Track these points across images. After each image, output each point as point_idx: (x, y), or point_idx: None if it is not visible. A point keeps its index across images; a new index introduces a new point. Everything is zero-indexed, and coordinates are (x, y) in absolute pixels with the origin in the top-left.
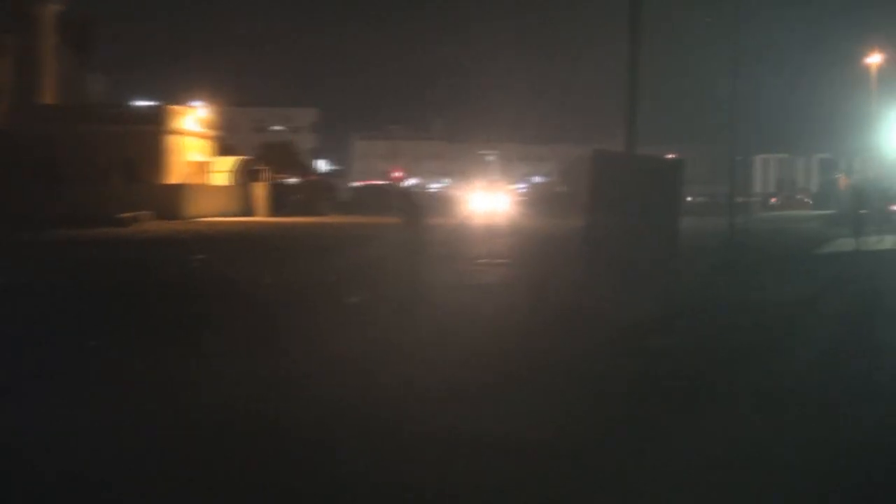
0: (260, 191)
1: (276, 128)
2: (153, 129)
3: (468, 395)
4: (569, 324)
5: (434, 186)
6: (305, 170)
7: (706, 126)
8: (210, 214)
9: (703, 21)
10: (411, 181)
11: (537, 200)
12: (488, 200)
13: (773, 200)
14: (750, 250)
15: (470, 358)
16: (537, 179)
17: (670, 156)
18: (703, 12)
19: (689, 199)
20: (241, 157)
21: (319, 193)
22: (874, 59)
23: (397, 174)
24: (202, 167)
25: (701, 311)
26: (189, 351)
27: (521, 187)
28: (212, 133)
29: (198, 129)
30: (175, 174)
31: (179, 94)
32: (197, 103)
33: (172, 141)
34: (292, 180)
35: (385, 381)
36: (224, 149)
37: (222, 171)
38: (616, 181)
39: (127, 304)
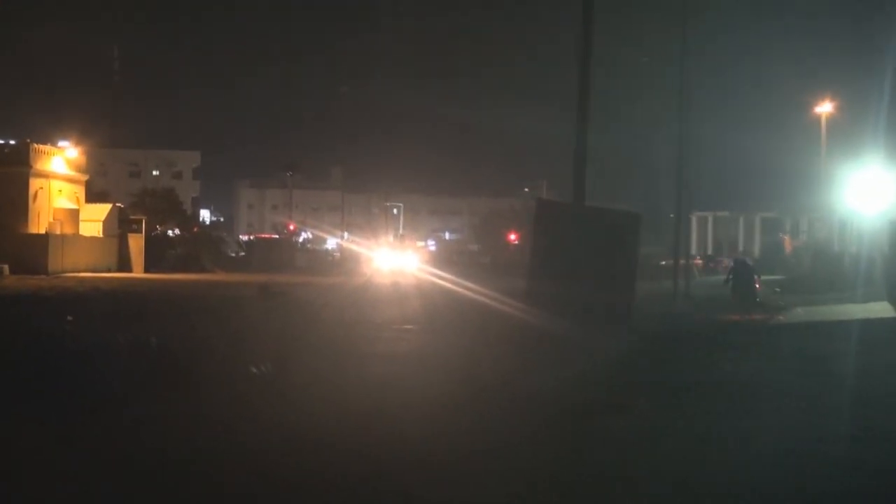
0: (136, 243)
1: (155, 173)
2: (14, 170)
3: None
4: (500, 403)
5: (333, 241)
6: (188, 221)
7: (634, 180)
8: (79, 269)
9: (642, 63)
10: (307, 235)
11: (448, 259)
12: (394, 258)
13: (724, 263)
14: (699, 319)
15: (388, 444)
16: (448, 236)
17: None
18: (643, 52)
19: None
20: (114, 205)
21: (204, 247)
22: (824, 109)
23: (291, 227)
24: (70, 215)
25: (656, 391)
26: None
27: (429, 244)
28: (81, 177)
29: (66, 171)
30: (39, 223)
31: (41, 132)
32: (63, 143)
33: (36, 184)
34: (173, 232)
35: (287, 473)
36: (95, 195)
37: (93, 220)
38: (563, 237)
39: None
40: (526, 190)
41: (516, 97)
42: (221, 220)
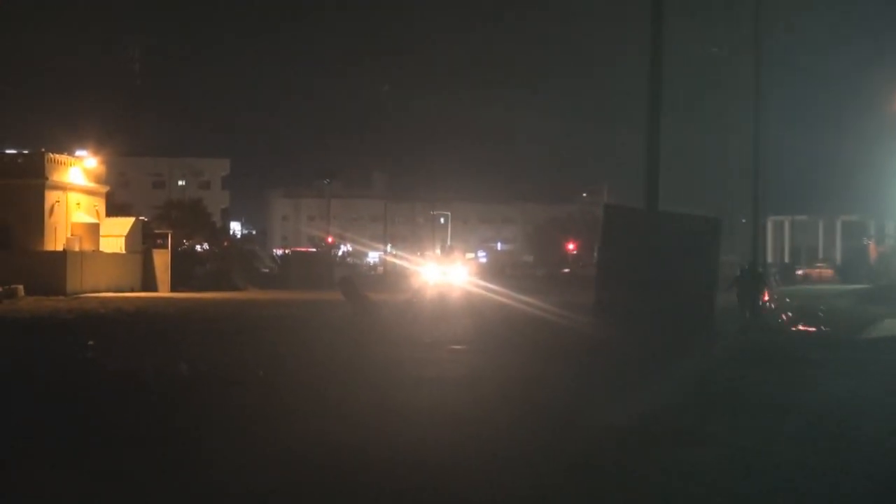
0: (161, 260)
1: (180, 183)
2: (28, 182)
3: None
4: (566, 434)
5: (375, 255)
6: (217, 234)
7: (701, 181)
8: (100, 289)
9: (712, 55)
10: (346, 248)
11: (500, 271)
12: (442, 271)
13: (798, 272)
14: (782, 333)
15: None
16: (500, 246)
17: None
18: (714, 50)
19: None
20: (137, 219)
21: (235, 263)
22: None
23: (330, 240)
24: (89, 230)
25: (740, 413)
26: (81, 477)
27: (480, 255)
28: (101, 188)
29: (84, 182)
30: (56, 239)
31: (57, 140)
32: (81, 152)
33: (53, 197)
34: (201, 247)
35: None
36: (116, 208)
37: (114, 235)
38: (635, 245)
39: None
40: (584, 195)
41: (573, 100)
42: (253, 232)
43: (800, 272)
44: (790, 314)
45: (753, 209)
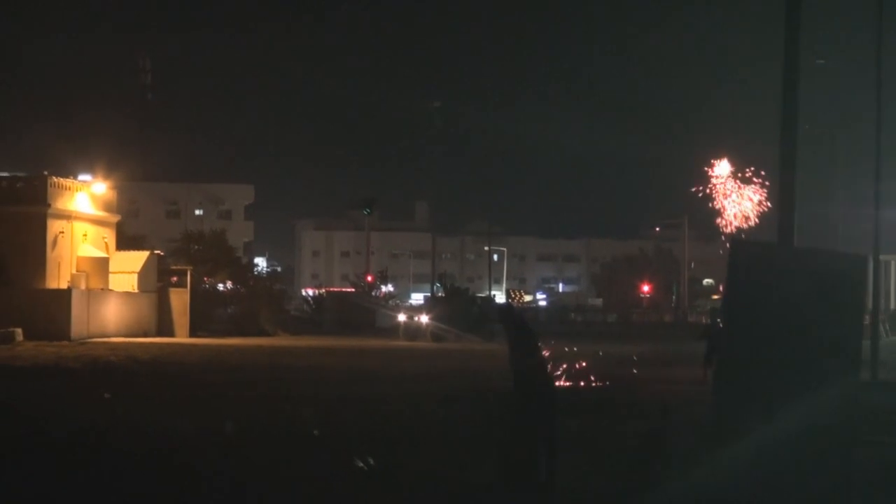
0: (179, 300)
1: (198, 212)
2: (28, 210)
3: None
4: None
5: (420, 295)
6: (243, 271)
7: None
8: (108, 333)
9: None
10: (389, 288)
11: (561, 318)
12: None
13: None
14: None
15: None
16: (562, 287)
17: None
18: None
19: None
20: (151, 253)
21: (263, 305)
22: None
23: (369, 278)
24: (97, 266)
25: None
26: None
27: (539, 297)
28: (111, 217)
29: (91, 210)
30: (60, 275)
31: (60, 163)
32: (85, 177)
33: (56, 227)
34: (224, 286)
35: None
36: (128, 240)
37: (126, 271)
38: (768, 289)
39: None
40: (657, 229)
41: (643, 123)
42: (278, 269)
43: None
44: None
45: (874, 242)
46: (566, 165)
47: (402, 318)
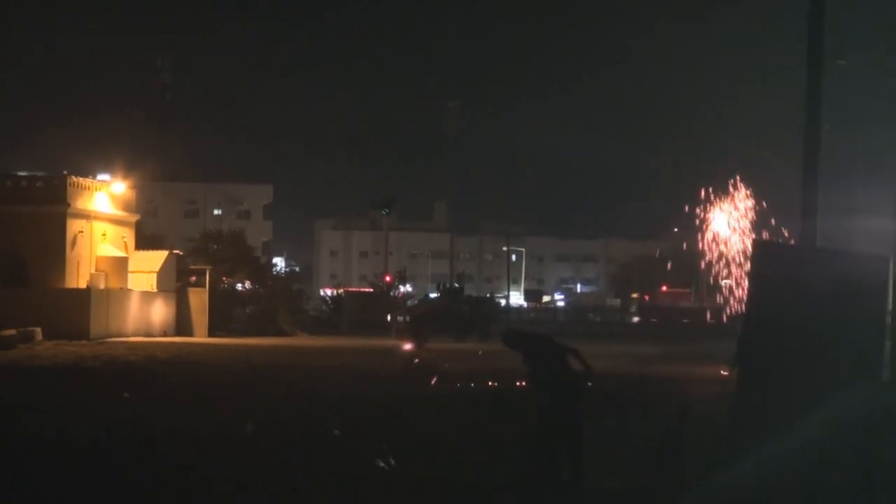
0: (198, 300)
1: (216, 212)
2: (47, 209)
3: None
4: None
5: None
6: (262, 271)
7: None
8: (127, 333)
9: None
10: (407, 288)
11: (579, 318)
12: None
13: None
14: None
15: None
16: (581, 288)
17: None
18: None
19: None
20: (170, 252)
21: (281, 305)
22: None
23: (388, 278)
24: (116, 265)
25: None
26: None
27: (558, 298)
28: (130, 217)
29: (111, 210)
30: (79, 275)
31: (79, 163)
32: (104, 176)
33: (75, 227)
34: (243, 286)
35: None
36: (147, 240)
37: (145, 271)
38: (790, 290)
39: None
40: (675, 230)
41: (660, 122)
42: (297, 269)
43: None
44: None
45: None
46: (584, 167)
47: (398, 318)
